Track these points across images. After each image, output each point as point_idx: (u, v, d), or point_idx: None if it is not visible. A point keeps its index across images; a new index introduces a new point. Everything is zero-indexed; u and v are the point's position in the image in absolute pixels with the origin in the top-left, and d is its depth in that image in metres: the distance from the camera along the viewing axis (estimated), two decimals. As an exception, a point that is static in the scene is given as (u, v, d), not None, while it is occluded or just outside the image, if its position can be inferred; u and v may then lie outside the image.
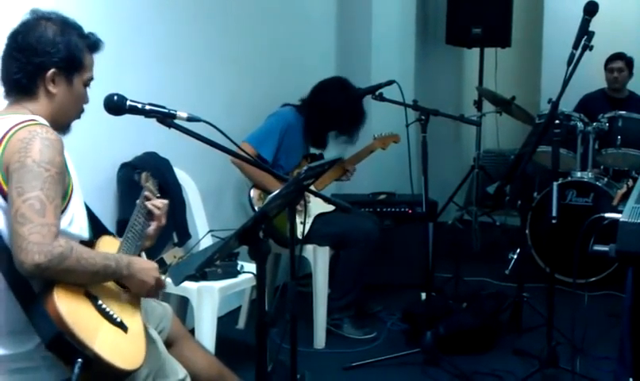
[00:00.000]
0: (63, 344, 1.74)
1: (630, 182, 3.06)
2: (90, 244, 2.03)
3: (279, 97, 3.97)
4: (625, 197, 3.04)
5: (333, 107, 3.80)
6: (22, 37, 1.94)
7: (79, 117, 2.08)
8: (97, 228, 2.13)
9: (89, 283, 1.89)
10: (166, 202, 2.33)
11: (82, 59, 2.01)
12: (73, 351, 1.74)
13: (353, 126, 3.88)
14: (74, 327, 1.75)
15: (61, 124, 2.03)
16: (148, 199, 2.29)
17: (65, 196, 1.90)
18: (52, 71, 1.95)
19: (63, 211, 1.88)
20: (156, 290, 2.08)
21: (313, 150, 4.05)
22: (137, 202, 2.30)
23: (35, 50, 1.93)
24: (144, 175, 2.44)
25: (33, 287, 1.81)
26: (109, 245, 2.09)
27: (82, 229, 1.99)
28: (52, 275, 1.78)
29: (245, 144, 3.59)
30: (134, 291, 2.04)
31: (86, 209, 2.07)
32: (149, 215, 2.27)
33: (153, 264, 2.09)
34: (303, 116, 3.86)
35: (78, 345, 1.74)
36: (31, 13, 2.00)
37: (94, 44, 2.05)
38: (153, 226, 2.27)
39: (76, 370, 1.72)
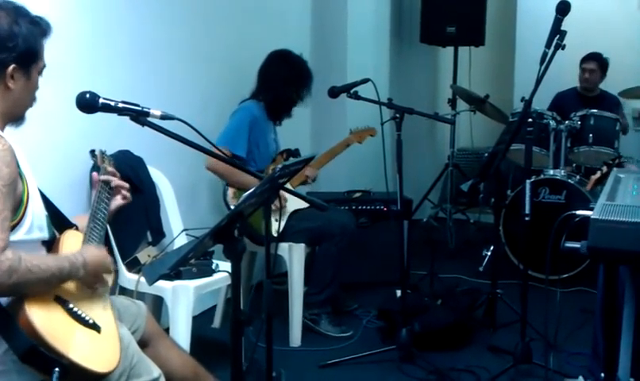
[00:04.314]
0: (38, 356, 1.71)
1: (605, 169, 3.08)
2: (53, 240, 2.00)
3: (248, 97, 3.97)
4: (598, 182, 3.07)
5: (282, 78, 3.91)
6: None
7: (31, 105, 2.02)
8: (60, 224, 2.09)
9: (46, 290, 1.84)
10: (127, 187, 2.34)
11: (39, 49, 1.95)
12: (48, 361, 1.72)
13: (305, 87, 3.98)
14: (48, 337, 1.72)
15: (17, 115, 1.98)
16: (108, 183, 2.27)
17: (20, 205, 1.85)
18: (12, 66, 1.89)
19: (20, 220, 1.84)
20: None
21: (287, 145, 4.06)
22: (95, 192, 2.26)
23: None
24: (99, 154, 2.41)
25: (1, 301, 1.77)
26: (72, 239, 2.06)
27: (42, 230, 1.94)
28: (6, 291, 1.73)
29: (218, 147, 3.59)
30: (96, 281, 2.02)
31: (47, 206, 2.03)
32: (110, 198, 2.25)
33: (102, 251, 2.05)
34: (262, 100, 3.93)
35: (53, 354, 1.72)
36: None
37: (45, 30, 1.98)
38: (120, 202, 2.28)
39: (54, 380, 1.70)
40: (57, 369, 1.70)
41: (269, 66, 3.98)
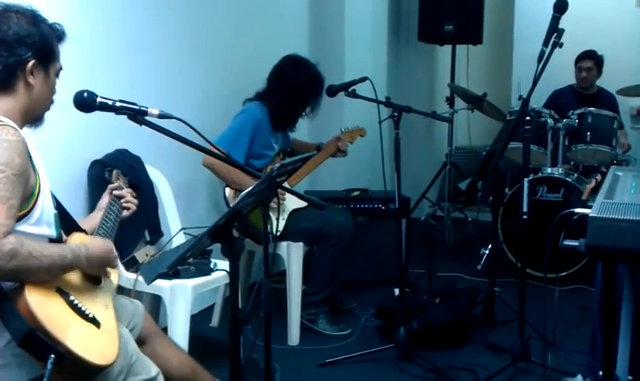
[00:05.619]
0: (35, 341, 1.72)
1: (599, 177, 3.11)
2: (60, 241, 2.01)
3: (252, 95, 3.96)
4: (594, 191, 3.09)
5: (293, 82, 3.82)
6: None
7: (49, 107, 2.08)
8: (68, 225, 2.11)
9: (48, 277, 1.85)
10: (135, 195, 2.45)
11: (55, 49, 2.03)
12: (45, 347, 1.72)
13: (316, 95, 3.90)
14: (45, 323, 1.73)
15: (36, 115, 2.03)
16: (120, 198, 2.38)
17: (31, 196, 1.88)
18: (32, 62, 1.95)
19: (30, 211, 1.87)
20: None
21: (284, 145, 4.04)
22: (106, 200, 2.36)
23: (13, 43, 1.93)
24: (114, 172, 2.49)
25: (2, 286, 1.78)
26: (80, 240, 2.07)
27: (50, 226, 1.97)
28: (7, 274, 1.75)
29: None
30: (99, 274, 2.06)
31: (57, 206, 2.06)
32: (120, 210, 2.34)
33: (107, 244, 2.08)
34: (268, 106, 3.84)
35: (50, 341, 1.73)
36: None
37: (61, 35, 2.07)
38: (126, 214, 2.39)
39: (49, 365, 1.70)
40: (52, 355, 1.71)
41: (279, 72, 3.87)
